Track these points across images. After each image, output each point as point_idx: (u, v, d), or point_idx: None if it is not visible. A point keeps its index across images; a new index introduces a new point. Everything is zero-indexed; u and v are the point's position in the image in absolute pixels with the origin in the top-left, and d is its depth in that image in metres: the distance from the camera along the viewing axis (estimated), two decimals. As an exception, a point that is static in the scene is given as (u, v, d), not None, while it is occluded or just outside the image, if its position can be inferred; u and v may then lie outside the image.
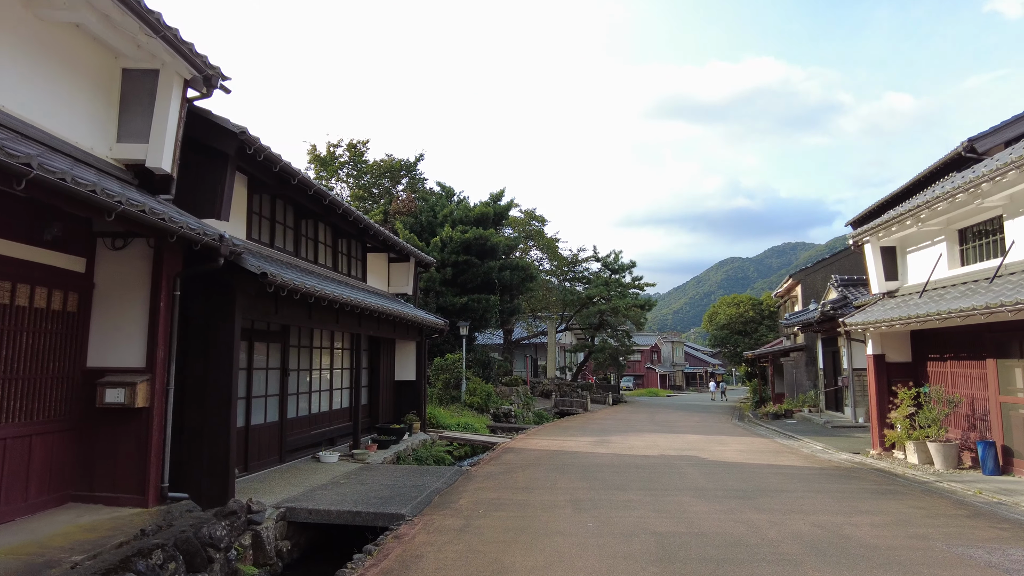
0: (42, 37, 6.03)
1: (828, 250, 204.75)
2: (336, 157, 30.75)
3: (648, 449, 14.14)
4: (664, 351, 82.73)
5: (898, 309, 11.80)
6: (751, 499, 8.36)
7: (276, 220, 10.69)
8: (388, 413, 15.23)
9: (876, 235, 13.09)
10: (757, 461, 12.37)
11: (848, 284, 21.68)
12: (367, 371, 14.67)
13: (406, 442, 13.33)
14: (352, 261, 13.91)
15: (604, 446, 14.67)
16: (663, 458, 12.60)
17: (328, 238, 12.71)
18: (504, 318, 27.61)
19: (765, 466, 11.67)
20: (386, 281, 15.88)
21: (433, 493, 8.60)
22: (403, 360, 15.79)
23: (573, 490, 8.94)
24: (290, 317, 9.03)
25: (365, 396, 14.46)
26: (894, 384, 12.57)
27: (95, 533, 5.50)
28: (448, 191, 28.47)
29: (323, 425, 12.26)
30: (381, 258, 15.54)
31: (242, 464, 9.47)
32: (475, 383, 23.28)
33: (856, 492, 8.92)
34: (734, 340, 39.39)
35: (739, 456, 13.10)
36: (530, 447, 14.45)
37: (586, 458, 12.53)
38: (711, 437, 17.45)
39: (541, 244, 36.52)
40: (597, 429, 19.74)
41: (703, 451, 13.88)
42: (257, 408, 9.99)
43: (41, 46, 6.02)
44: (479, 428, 18.71)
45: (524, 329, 42.37)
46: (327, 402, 12.65)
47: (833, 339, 22.00)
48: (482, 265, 25.13)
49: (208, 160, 7.89)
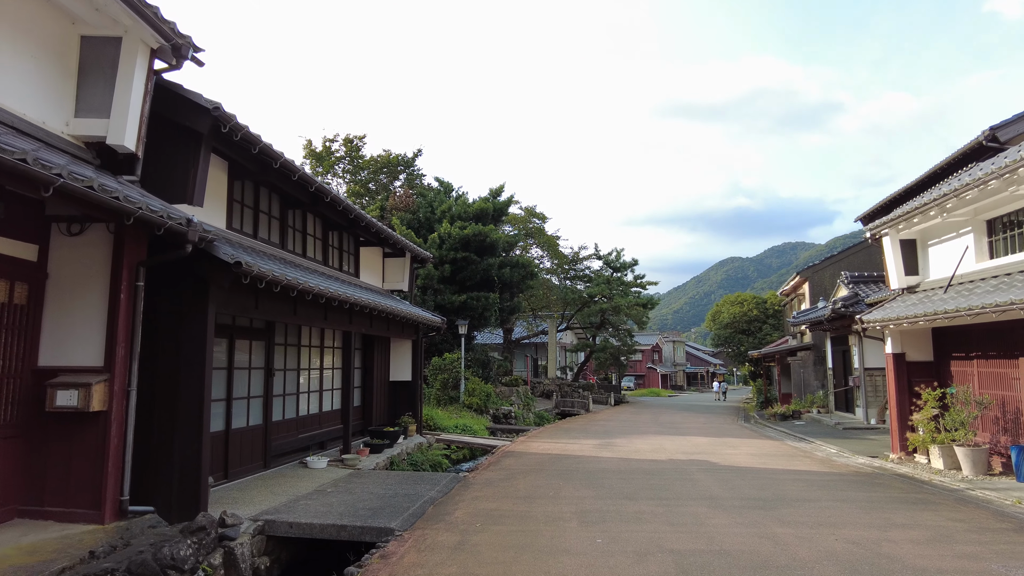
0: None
1: (828, 249, 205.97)
2: (332, 152, 30.05)
3: (655, 453, 13.46)
4: (665, 351, 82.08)
5: (921, 305, 11.11)
6: (772, 509, 7.67)
7: (260, 210, 10.00)
8: (382, 415, 14.55)
9: (896, 227, 12.40)
10: (771, 466, 11.69)
11: (859, 281, 21.01)
12: (360, 371, 13.99)
13: (401, 446, 12.64)
14: (344, 255, 13.23)
15: (609, 449, 13.99)
16: (672, 463, 11.92)
17: (318, 230, 12.03)
18: (504, 317, 26.92)
19: (781, 471, 10.99)
20: (381, 277, 15.19)
21: (427, 503, 7.91)
22: (398, 360, 15.11)
23: (579, 500, 8.25)
24: (272, 312, 8.34)
25: (358, 397, 13.79)
26: (915, 384, 11.90)
27: (36, 556, 4.81)
28: (446, 186, 27.75)
29: (312, 428, 11.57)
30: (375, 253, 14.85)
31: (221, 471, 8.78)
32: (474, 383, 22.59)
33: (884, 501, 8.24)
34: (738, 339, 38.68)
35: (751, 460, 12.43)
36: (531, 450, 13.77)
37: (591, 463, 11.85)
38: (719, 439, 16.77)
39: (541, 241, 35.81)
40: (600, 431, 19.06)
41: (713, 455, 13.20)
42: (239, 410, 9.30)
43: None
44: (478, 430, 18.03)
45: (524, 328, 41.69)
46: (316, 404, 11.96)
47: (843, 338, 21.32)
48: (481, 262, 24.43)
49: (179, 139, 7.19)
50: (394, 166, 30.41)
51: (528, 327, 41.90)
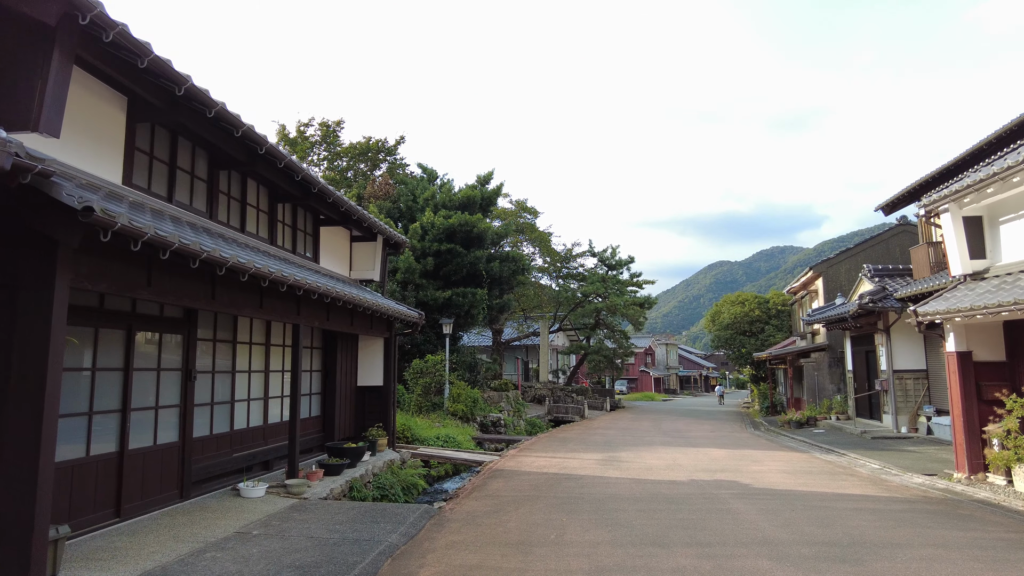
0: None
1: (816, 253, 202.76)
2: (307, 138, 27.79)
3: (671, 471, 11.35)
4: (658, 354, 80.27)
5: (997, 293, 9.11)
6: (859, 563, 5.57)
7: (179, 166, 7.80)
8: (347, 427, 12.34)
9: (959, 202, 10.40)
10: (815, 488, 9.62)
11: (884, 274, 19.08)
12: (319, 375, 11.79)
13: (366, 464, 10.44)
14: (299, 235, 11.04)
15: (616, 467, 11.87)
16: (695, 485, 9.81)
17: (263, 201, 9.84)
18: (492, 315, 24.77)
19: (831, 496, 8.91)
20: (347, 264, 13.00)
21: (382, 556, 5.74)
22: (368, 361, 12.92)
23: (592, 548, 6.10)
24: (176, 294, 6.14)
25: (316, 406, 11.58)
26: (985, 390, 9.90)
27: None
28: (430, 173, 25.53)
29: (253, 444, 9.36)
30: (340, 235, 12.66)
31: (111, 509, 6.56)
32: (459, 388, 20.41)
33: (996, 546, 6.16)
34: (739, 341, 36.71)
35: (788, 480, 10.35)
36: (524, 468, 11.62)
37: (597, 486, 9.72)
38: (737, 452, 14.70)
39: (533, 237, 33.73)
40: (601, 442, 16.94)
41: (739, 473, 11.12)
42: (141, 426, 7.08)
43: None
44: (462, 442, 15.86)
45: (515, 329, 39.56)
46: (260, 415, 9.75)
47: (867, 337, 19.37)
48: (468, 255, 22.26)
49: (21, 37, 5.01)
50: (375, 152, 28.17)
51: (519, 328, 39.78)
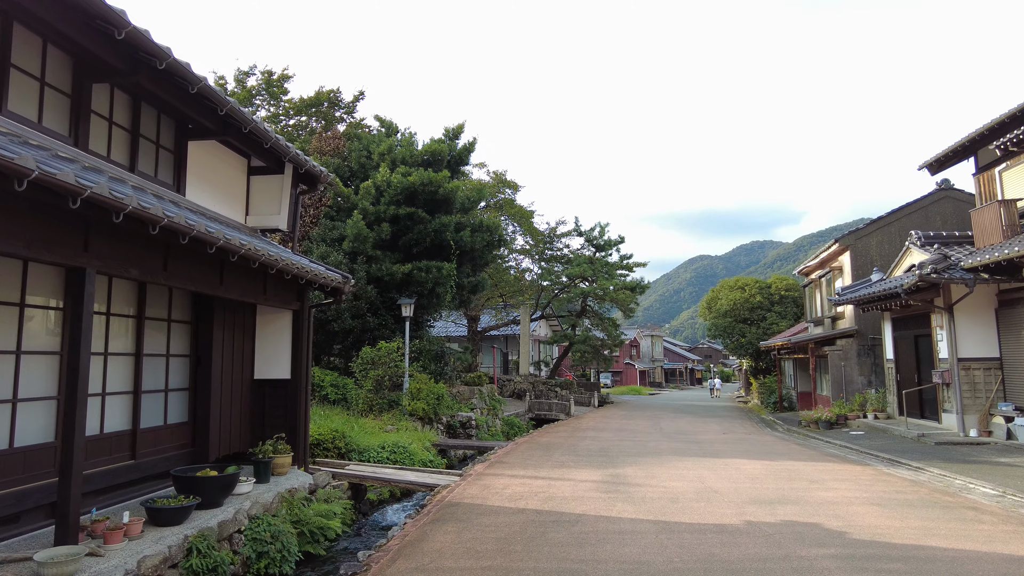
0: None
1: (796, 247, 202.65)
2: (248, 88, 23.70)
3: (708, 503, 7.71)
4: (643, 346, 77.31)
5: None
6: None
7: None
8: (237, 438, 8.51)
9: None
10: (944, 539, 6.03)
11: (939, 241, 15.71)
12: (189, 360, 7.96)
13: (241, 501, 6.63)
14: (149, 150, 7.17)
15: (625, 496, 8.20)
16: (759, 535, 6.18)
17: (121, 112, 5.95)
18: (464, 296, 21.00)
19: (978, 557, 5.34)
20: (243, 205, 9.16)
21: None
22: (270, 345, 9.09)
23: None
24: None
25: (178, 410, 7.74)
26: None
27: None
28: (389, 126, 21.53)
29: (39, 476, 5.52)
30: (227, 161, 8.78)
31: None
32: (420, 382, 16.65)
33: None
34: (739, 329, 33.37)
35: (888, 520, 6.77)
36: (492, 500, 7.92)
37: (607, 541, 6.05)
38: (776, 465, 11.17)
39: (512, 213, 29.98)
40: (596, 450, 13.30)
41: (806, 505, 7.55)
42: None
43: None
44: (416, 452, 12.12)
45: (493, 317, 35.85)
46: (48, 425, 5.91)
47: (916, 318, 15.97)
48: (432, 221, 18.40)
49: None
50: (329, 107, 24.10)
51: (497, 316, 36.07)
